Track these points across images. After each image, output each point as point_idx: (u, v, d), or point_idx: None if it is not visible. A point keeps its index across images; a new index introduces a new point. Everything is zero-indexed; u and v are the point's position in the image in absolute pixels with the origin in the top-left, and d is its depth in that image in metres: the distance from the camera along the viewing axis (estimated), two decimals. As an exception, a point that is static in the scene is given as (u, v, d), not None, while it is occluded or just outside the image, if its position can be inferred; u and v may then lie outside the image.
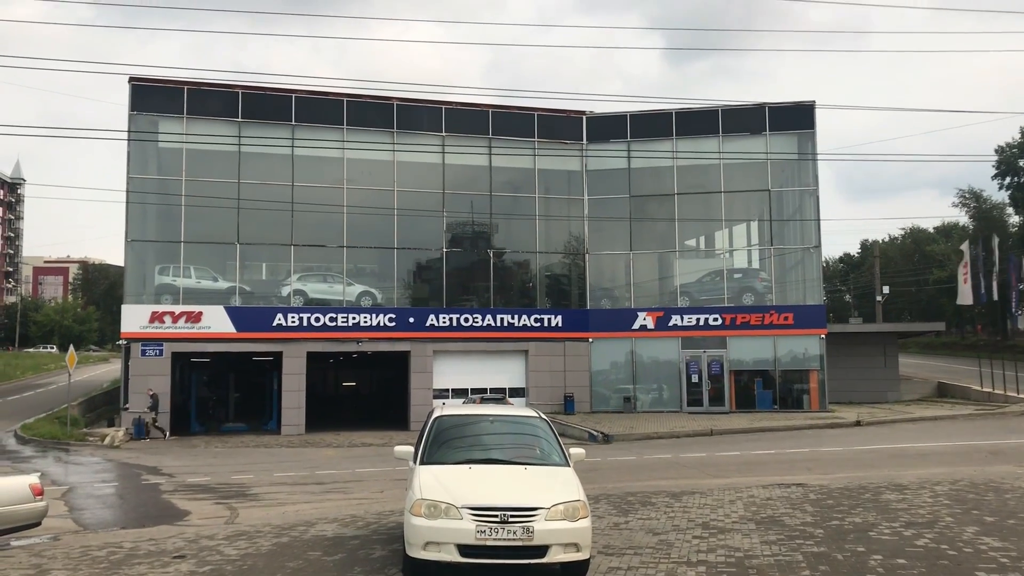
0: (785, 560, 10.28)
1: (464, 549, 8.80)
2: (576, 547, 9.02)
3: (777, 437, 29.45)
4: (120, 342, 34.95)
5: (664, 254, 40.12)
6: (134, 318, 33.79)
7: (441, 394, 37.04)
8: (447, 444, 10.34)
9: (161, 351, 33.53)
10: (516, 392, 37.13)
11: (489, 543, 8.76)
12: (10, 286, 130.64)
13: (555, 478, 9.73)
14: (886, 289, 68.74)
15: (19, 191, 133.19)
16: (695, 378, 37.96)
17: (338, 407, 43.98)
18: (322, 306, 36.18)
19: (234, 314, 34.67)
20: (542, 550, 8.86)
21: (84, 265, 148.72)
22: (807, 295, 38.80)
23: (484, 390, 36.20)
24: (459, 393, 36.85)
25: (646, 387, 38.43)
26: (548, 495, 9.18)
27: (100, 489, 20.22)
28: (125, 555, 11.09)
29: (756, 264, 40.87)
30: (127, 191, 34.26)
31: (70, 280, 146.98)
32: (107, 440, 30.05)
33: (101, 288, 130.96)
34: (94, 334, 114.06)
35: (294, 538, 12.15)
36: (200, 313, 34.17)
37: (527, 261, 39.97)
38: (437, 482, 9.34)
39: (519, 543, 8.79)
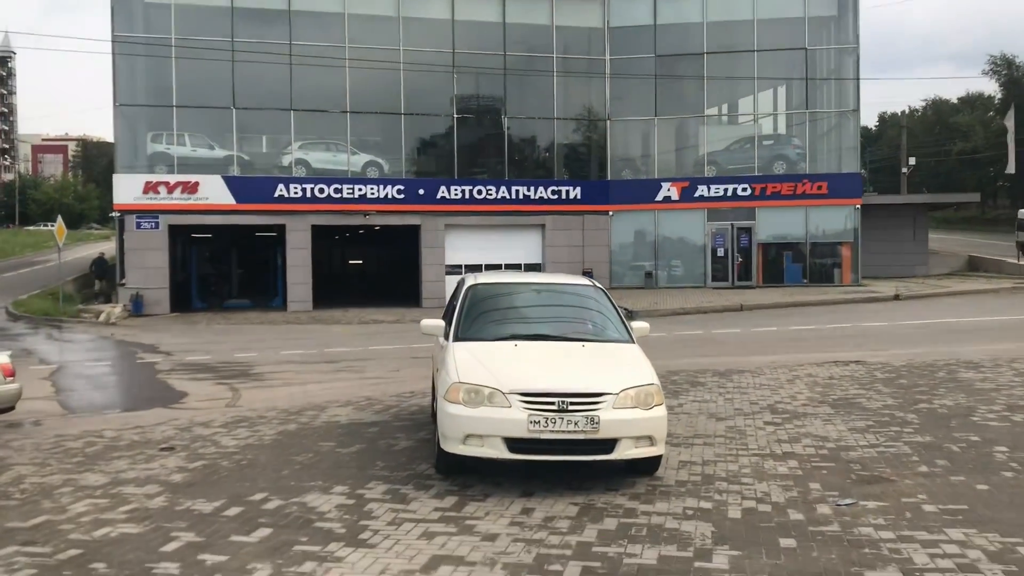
0: (891, 452, 8.58)
1: (513, 443, 7.07)
2: (650, 440, 7.30)
3: (812, 312, 27.78)
4: (113, 214, 33.00)
5: (690, 120, 37.58)
6: (127, 189, 31.72)
7: (453, 270, 35.24)
8: (485, 317, 8.50)
9: (157, 224, 31.59)
10: (532, 268, 35.25)
11: (544, 436, 7.02)
12: (7, 163, 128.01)
13: (620, 357, 7.93)
14: (912, 161, 66.17)
15: (10, 64, 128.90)
16: (721, 252, 36.04)
17: (345, 286, 42.39)
18: (326, 177, 34.02)
19: (233, 184, 32.56)
20: (609, 444, 7.13)
21: (83, 142, 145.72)
22: (842, 163, 36.46)
23: (499, 266, 34.31)
24: (472, 269, 35.03)
25: (668, 262, 36.54)
26: (615, 377, 7.40)
27: (91, 368, 18.66)
28: (104, 447, 9.44)
29: (787, 131, 38.38)
30: (112, 53, 31.67)
31: (70, 158, 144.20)
32: (103, 317, 28.48)
33: (101, 165, 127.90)
34: (95, 212, 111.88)
35: (303, 425, 10.49)
36: (197, 183, 32.05)
37: (544, 129, 37.35)
38: (477, 362, 7.55)
39: (581, 436, 7.04)
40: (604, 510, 6.74)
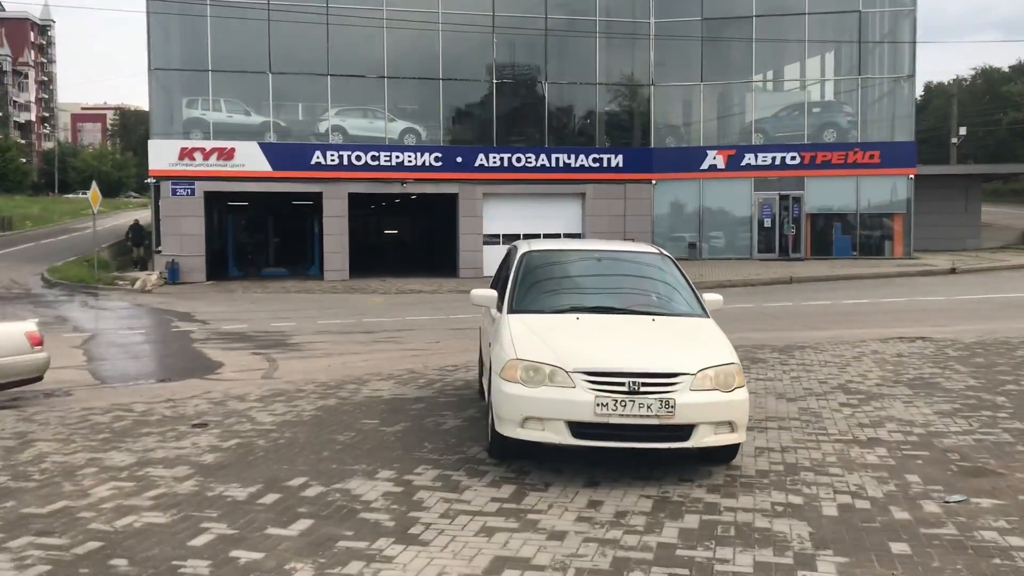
0: (990, 440, 7.76)
1: (578, 428, 6.35)
2: (730, 426, 6.54)
3: (865, 285, 26.75)
4: (149, 180, 32.60)
5: (737, 86, 36.37)
6: (163, 154, 31.28)
7: (491, 240, 34.55)
8: (542, 287, 7.76)
9: (193, 190, 31.14)
10: (572, 238, 34.39)
11: (613, 420, 6.29)
12: (47, 132, 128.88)
13: (695, 333, 7.17)
14: (962, 130, 64.19)
15: (49, 33, 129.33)
16: (767, 223, 34.95)
17: (380, 256, 41.88)
18: (363, 144, 33.34)
19: (269, 151, 32.00)
20: (685, 431, 6.39)
21: (121, 111, 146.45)
22: (895, 132, 35.07)
23: (537, 236, 33.51)
24: (510, 239, 34.27)
25: (713, 233, 35.51)
26: (691, 356, 6.65)
27: (125, 337, 18.22)
28: (133, 421, 8.86)
29: (837, 98, 37.03)
30: (147, 14, 31.12)
31: (108, 126, 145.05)
32: (138, 284, 28.13)
33: (138, 134, 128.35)
34: (133, 180, 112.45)
35: (343, 400, 9.85)
36: (233, 150, 31.52)
37: (585, 95, 36.30)
38: (537, 337, 6.82)
39: (655, 421, 6.30)
40: (681, 504, 6.01)
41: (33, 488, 6.45)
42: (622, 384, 6.29)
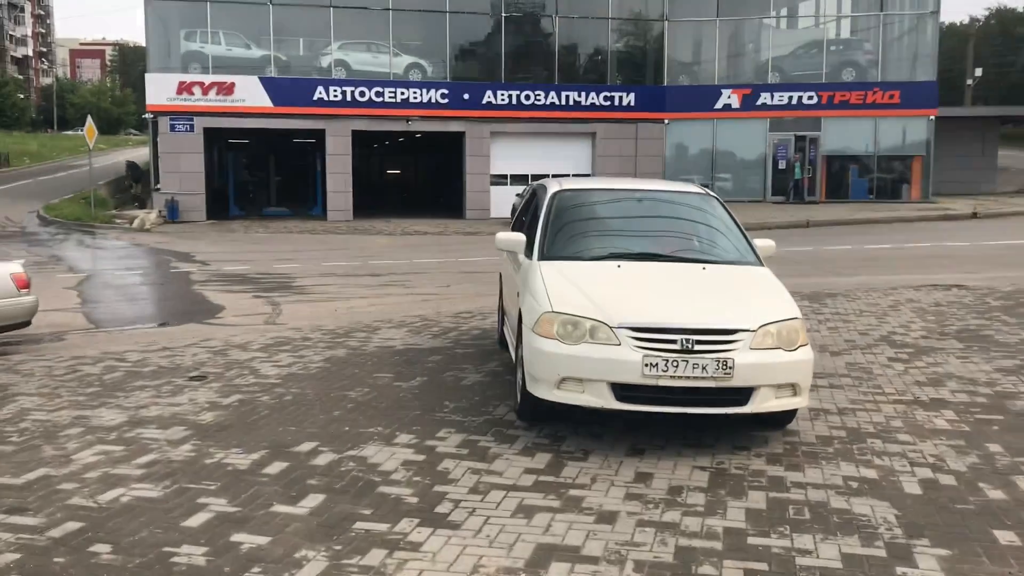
0: (1069, 403, 7.05)
1: (622, 391, 5.62)
2: (792, 389, 5.81)
3: (885, 230, 25.94)
4: (147, 115, 31.55)
5: (753, 23, 35.07)
6: (160, 89, 30.19)
7: (499, 180, 33.63)
8: (576, 231, 6.96)
9: (192, 126, 30.12)
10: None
11: (663, 383, 5.56)
12: (45, 67, 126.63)
13: (751, 283, 6.41)
14: (978, 72, 62.66)
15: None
16: (782, 164, 33.93)
17: (384, 196, 40.96)
18: (367, 79, 32.21)
19: (270, 86, 30.90)
20: (744, 394, 5.67)
21: (120, 47, 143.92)
22: (917, 71, 33.87)
23: (546, 176, 32.47)
24: (518, 180, 33.34)
25: (726, 174, 34.51)
26: (750, 309, 5.89)
27: (121, 278, 17.48)
28: (125, 373, 8.16)
29: (856, 35, 35.72)
30: (143, -60, 29.83)
31: (107, 62, 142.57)
32: (136, 223, 27.32)
33: (138, 70, 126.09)
34: (133, 117, 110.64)
35: (353, 351, 9.14)
36: (232, 84, 30.43)
37: (596, 31, 34.98)
38: (574, 287, 6.06)
39: (711, 383, 5.57)
40: (742, 478, 5.31)
41: (9, 453, 5.75)
42: (674, 342, 5.55)
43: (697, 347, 5.55)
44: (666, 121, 34.03)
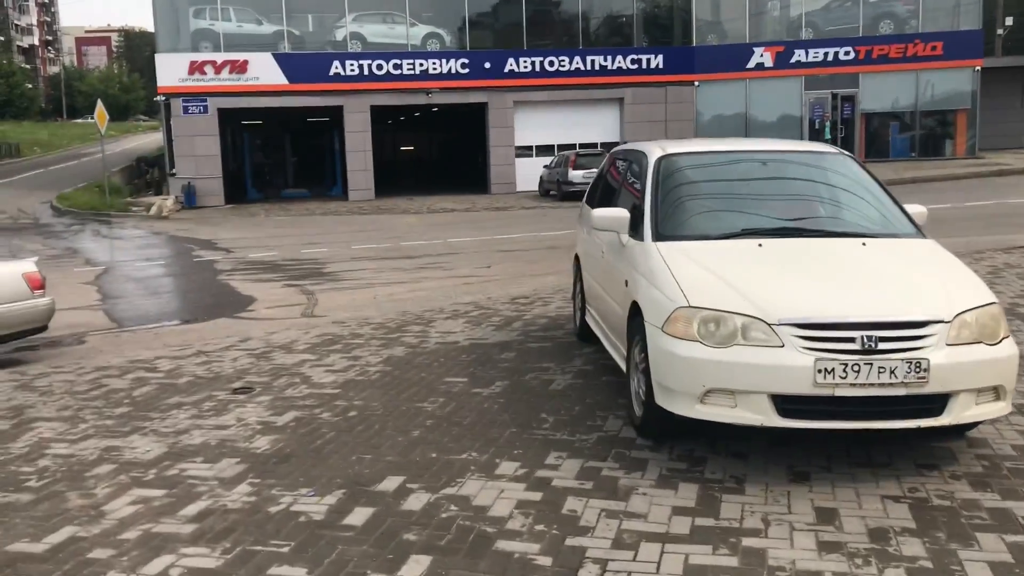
0: None
1: (786, 403, 4.47)
2: (995, 393, 4.65)
3: (936, 188, 24.58)
4: (158, 98, 30.44)
5: (785, -24, 33.56)
6: (171, 70, 29.07)
7: (524, 152, 32.43)
8: (694, 204, 5.78)
9: (205, 107, 29.01)
10: (610, 147, 32.02)
11: (840, 392, 4.40)
12: (52, 56, 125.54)
13: (924, 260, 5.22)
14: (1008, 21, 60.60)
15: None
16: (818, 124, 32.55)
17: (403, 173, 39.83)
18: (384, 52, 30.96)
19: (284, 62, 29.72)
20: (938, 402, 4.50)
21: (126, 33, 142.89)
22: (960, 19, 32.29)
23: (572, 146, 31.26)
24: (544, 151, 32.12)
25: (761, 136, 33.14)
26: (939, 295, 4.71)
27: (142, 270, 16.44)
28: (158, 386, 7.06)
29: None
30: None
31: (113, 49, 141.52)
32: (153, 210, 26.29)
33: (145, 55, 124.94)
34: (141, 103, 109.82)
35: (412, 349, 8.02)
36: (245, 62, 29.28)
37: (621, -10, 33.65)
38: (710, 274, 4.89)
39: (901, 391, 4.41)
40: (955, 513, 4.16)
41: (28, 504, 4.66)
42: (852, 340, 4.40)
43: (882, 345, 4.40)
44: (696, 83, 32.68)
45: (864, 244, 5.24)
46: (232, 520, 4.33)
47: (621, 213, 5.84)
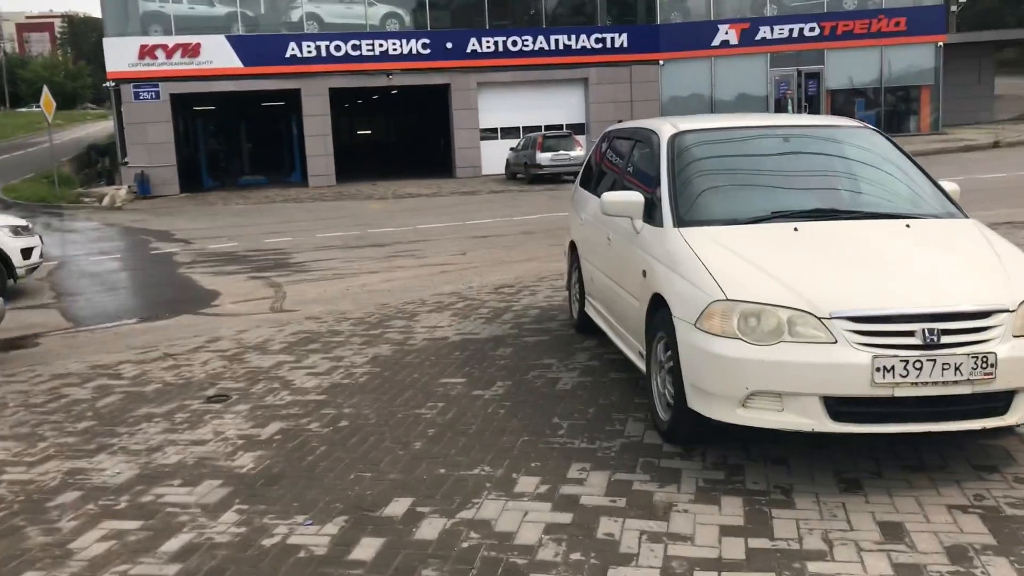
0: None
1: (839, 406, 4.02)
2: (1059, 388, 4.24)
3: (907, 165, 24.41)
4: (107, 84, 29.33)
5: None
6: (120, 55, 28.00)
7: (489, 135, 31.84)
8: (716, 185, 5.29)
9: (157, 93, 28.01)
10: (575, 129, 31.60)
11: (900, 392, 3.96)
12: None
13: (973, 243, 4.79)
14: (962, -2, 61.09)
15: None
16: (783, 101, 32.33)
17: (363, 158, 39.01)
18: (342, 32, 30.13)
19: (238, 44, 28.77)
20: (1003, 400, 4.08)
21: (69, 18, 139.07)
22: (923, -5, 32.24)
23: (538, 128, 30.72)
24: (509, 133, 31.57)
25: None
26: (1000, 281, 4.29)
27: (98, 264, 15.66)
28: (123, 396, 6.45)
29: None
30: None
31: (56, 35, 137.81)
32: (106, 201, 25.33)
33: (90, 41, 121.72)
34: (88, 91, 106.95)
35: (398, 345, 7.48)
36: (198, 45, 28.29)
37: (583, -32, 33.10)
38: (746, 263, 4.42)
39: (966, 388, 3.98)
40: (1035, 525, 3.75)
41: (-18, 542, 4.07)
42: (911, 334, 3.96)
43: (945, 339, 3.96)
44: (661, 62, 32.28)
45: (908, 226, 4.79)
46: (221, 557, 3.78)
47: (635, 197, 5.34)
